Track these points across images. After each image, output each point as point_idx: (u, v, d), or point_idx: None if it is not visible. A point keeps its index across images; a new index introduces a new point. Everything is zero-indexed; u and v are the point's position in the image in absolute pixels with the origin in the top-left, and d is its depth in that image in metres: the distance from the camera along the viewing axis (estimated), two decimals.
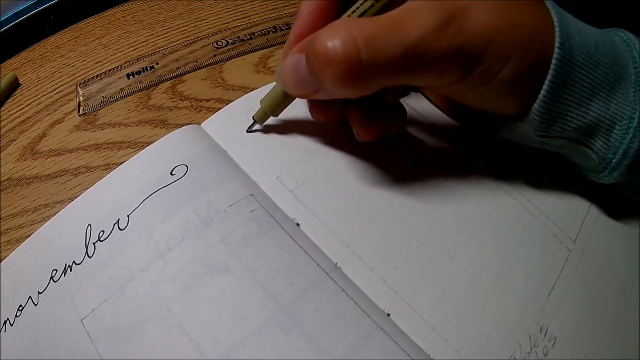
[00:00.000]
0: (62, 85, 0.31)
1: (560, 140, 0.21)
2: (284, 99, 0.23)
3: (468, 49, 0.18)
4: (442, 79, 0.19)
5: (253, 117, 0.24)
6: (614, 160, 0.21)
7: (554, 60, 0.19)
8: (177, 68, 0.30)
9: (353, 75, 0.17)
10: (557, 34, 0.19)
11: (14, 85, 0.32)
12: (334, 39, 0.17)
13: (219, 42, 0.32)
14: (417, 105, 0.27)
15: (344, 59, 0.17)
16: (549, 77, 0.19)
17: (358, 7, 0.20)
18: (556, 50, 0.19)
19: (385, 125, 0.23)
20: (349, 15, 0.20)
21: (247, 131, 0.24)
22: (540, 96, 0.19)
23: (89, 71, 0.31)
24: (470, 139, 0.26)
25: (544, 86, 0.19)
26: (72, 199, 0.22)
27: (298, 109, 0.25)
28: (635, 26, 0.23)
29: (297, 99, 0.23)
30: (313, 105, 0.23)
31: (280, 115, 0.24)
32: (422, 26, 0.17)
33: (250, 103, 0.25)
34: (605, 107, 0.20)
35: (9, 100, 0.31)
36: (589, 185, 0.25)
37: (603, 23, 0.22)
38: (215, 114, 0.25)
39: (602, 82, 0.20)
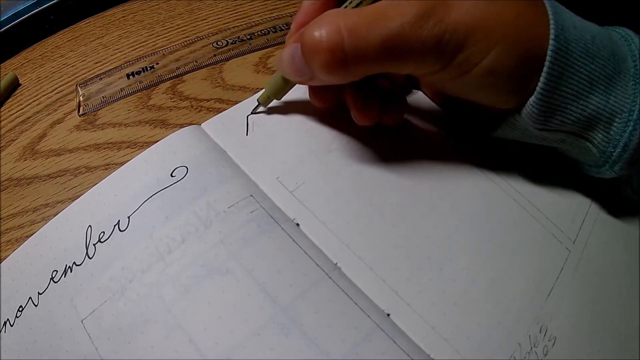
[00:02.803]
0: (62, 85, 0.31)
1: (560, 134, 0.21)
2: (285, 84, 0.24)
3: (447, 39, 0.18)
4: (424, 68, 0.20)
5: (257, 100, 0.25)
6: (614, 154, 0.21)
7: (549, 52, 0.19)
8: (177, 68, 0.30)
9: (337, 63, 0.19)
10: (552, 26, 0.19)
11: (14, 85, 0.31)
12: (320, 30, 0.18)
13: (219, 42, 0.32)
14: (420, 104, 0.27)
15: (328, 48, 0.18)
16: (545, 68, 0.19)
17: None
18: (551, 42, 0.19)
19: (382, 110, 0.23)
20: (347, 6, 0.21)
21: (252, 113, 0.25)
22: (537, 88, 0.19)
23: (89, 71, 0.31)
24: (470, 140, 0.26)
25: (541, 78, 0.19)
26: (72, 199, 0.22)
27: (299, 97, 0.26)
28: (635, 25, 0.23)
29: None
30: (312, 91, 0.24)
31: (283, 98, 0.25)
32: (402, 17, 0.18)
33: (251, 106, 0.25)
34: (605, 100, 0.20)
35: (9, 100, 0.31)
36: (589, 185, 0.25)
37: (602, 23, 0.22)
38: (216, 115, 0.26)
39: (601, 74, 0.20)
